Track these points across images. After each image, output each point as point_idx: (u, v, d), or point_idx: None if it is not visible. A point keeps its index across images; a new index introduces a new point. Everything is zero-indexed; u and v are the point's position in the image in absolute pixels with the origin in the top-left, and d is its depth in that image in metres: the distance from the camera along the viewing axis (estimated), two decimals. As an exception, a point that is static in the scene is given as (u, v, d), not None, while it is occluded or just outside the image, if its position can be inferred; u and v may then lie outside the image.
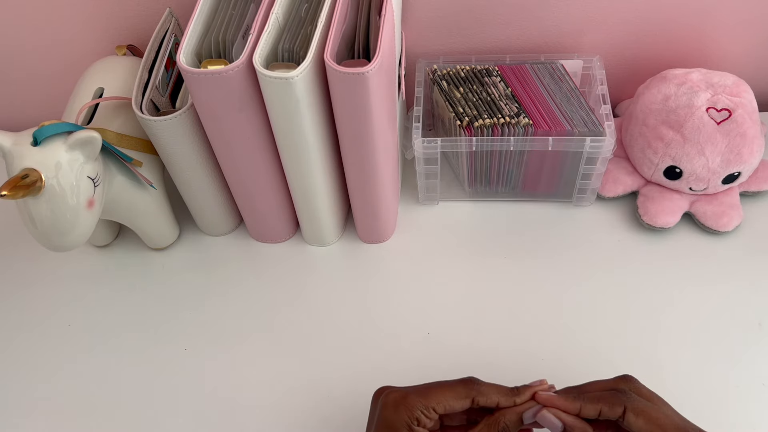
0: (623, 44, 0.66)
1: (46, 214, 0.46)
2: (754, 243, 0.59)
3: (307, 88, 0.45)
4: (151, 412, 0.52)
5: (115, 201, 0.54)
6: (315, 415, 0.51)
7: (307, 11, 0.50)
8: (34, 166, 0.45)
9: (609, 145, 0.55)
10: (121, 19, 0.64)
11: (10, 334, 0.58)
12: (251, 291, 0.59)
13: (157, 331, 0.57)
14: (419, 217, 0.64)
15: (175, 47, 0.58)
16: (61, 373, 0.55)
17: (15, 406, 0.53)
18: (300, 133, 0.48)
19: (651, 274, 0.57)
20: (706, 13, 0.62)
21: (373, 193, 0.55)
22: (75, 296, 0.60)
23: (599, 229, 0.61)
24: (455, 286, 0.58)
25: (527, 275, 0.58)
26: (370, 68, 0.43)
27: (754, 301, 0.55)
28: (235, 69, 0.45)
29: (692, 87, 0.57)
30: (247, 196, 0.57)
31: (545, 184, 0.62)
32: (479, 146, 0.57)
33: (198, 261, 0.62)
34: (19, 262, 0.62)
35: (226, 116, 0.48)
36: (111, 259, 0.62)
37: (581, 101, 0.58)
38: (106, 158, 0.51)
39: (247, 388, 0.53)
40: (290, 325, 0.56)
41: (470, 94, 0.59)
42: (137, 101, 0.52)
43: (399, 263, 0.60)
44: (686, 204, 0.60)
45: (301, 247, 0.62)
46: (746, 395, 0.50)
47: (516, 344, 0.53)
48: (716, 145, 0.56)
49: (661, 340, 0.53)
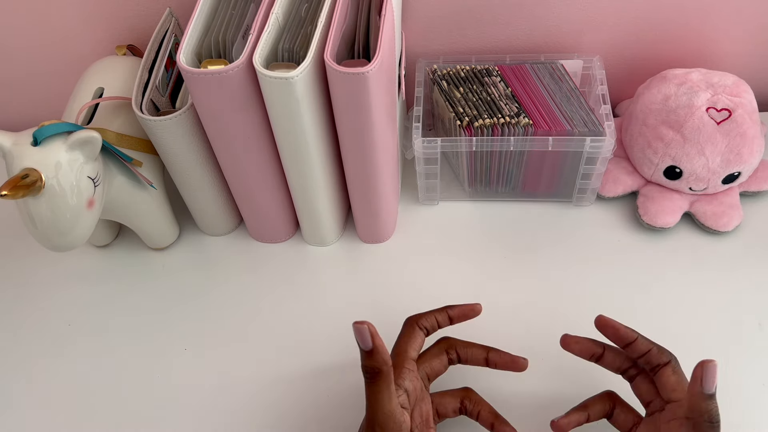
0: (623, 44, 0.66)
1: (46, 214, 0.46)
2: (754, 243, 0.59)
3: (307, 88, 0.45)
4: (151, 411, 0.52)
5: (115, 201, 0.54)
6: (315, 415, 0.51)
7: (307, 11, 0.50)
8: (34, 166, 0.45)
9: (609, 145, 0.55)
10: (121, 19, 0.64)
11: (10, 334, 0.58)
12: (251, 291, 0.59)
13: (157, 330, 0.57)
14: (419, 217, 0.64)
15: (175, 47, 0.58)
16: (61, 373, 0.55)
17: (15, 406, 0.53)
18: (300, 133, 0.48)
19: (651, 274, 0.57)
20: (706, 13, 0.62)
21: (373, 193, 0.55)
22: (75, 296, 0.60)
23: (599, 229, 0.61)
24: (455, 285, 0.58)
25: (527, 275, 0.58)
26: (370, 68, 0.43)
27: (754, 301, 0.55)
28: (235, 69, 0.45)
29: (692, 87, 0.57)
30: (247, 196, 0.57)
31: (545, 184, 0.62)
32: (479, 146, 0.57)
33: (198, 261, 0.62)
34: (19, 262, 0.62)
35: (226, 116, 0.48)
36: (111, 259, 0.62)
37: (581, 101, 0.58)
38: (106, 158, 0.51)
39: (247, 387, 0.53)
40: (290, 325, 0.56)
41: (470, 94, 0.59)
42: (137, 101, 0.52)
43: (399, 263, 0.60)
44: (686, 204, 0.60)
45: (301, 247, 0.62)
46: (746, 395, 0.49)
47: (516, 344, 0.53)
48: (716, 145, 0.56)
49: (661, 340, 0.53)
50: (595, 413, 0.45)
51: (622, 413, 0.44)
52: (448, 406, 0.46)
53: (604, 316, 0.44)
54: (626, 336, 0.43)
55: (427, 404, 0.45)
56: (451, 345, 0.47)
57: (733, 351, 0.52)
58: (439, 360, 0.46)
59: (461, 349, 0.47)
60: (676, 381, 0.42)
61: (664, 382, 0.42)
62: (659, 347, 0.43)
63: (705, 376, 0.38)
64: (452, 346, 0.47)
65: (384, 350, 0.39)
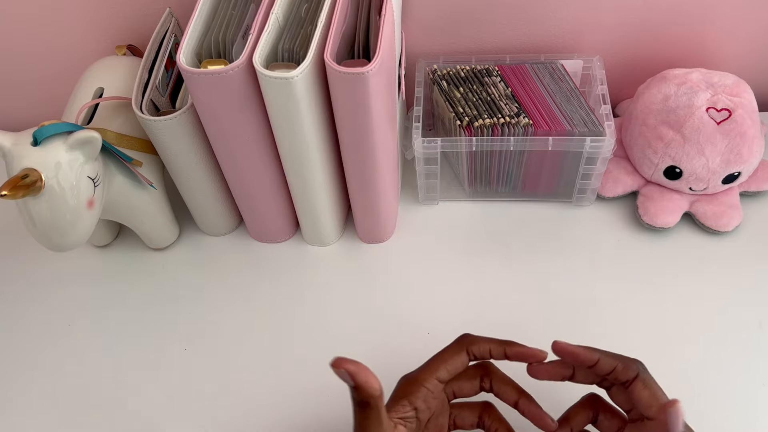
0: (623, 44, 0.66)
1: (46, 214, 0.46)
2: (754, 243, 0.59)
3: (307, 88, 0.45)
4: (150, 411, 0.52)
5: (115, 201, 0.54)
6: (315, 415, 0.51)
7: (307, 11, 0.50)
8: (34, 166, 0.45)
9: (609, 145, 0.55)
10: (121, 19, 0.64)
11: (10, 333, 0.58)
12: (251, 291, 0.59)
13: (157, 330, 0.57)
14: (419, 217, 0.64)
15: (175, 47, 0.58)
16: (61, 372, 0.55)
17: (15, 406, 0.53)
18: (300, 133, 0.48)
19: (651, 274, 0.57)
20: (706, 13, 0.62)
21: (373, 193, 0.55)
22: (75, 296, 0.60)
23: (599, 229, 0.61)
24: (455, 285, 0.58)
25: (527, 275, 0.58)
26: (370, 68, 0.43)
27: (754, 301, 0.55)
28: (235, 69, 0.45)
29: (692, 87, 0.57)
30: (247, 196, 0.57)
31: (545, 184, 0.62)
32: (479, 146, 0.57)
33: (198, 261, 0.62)
34: (19, 262, 0.62)
35: (226, 116, 0.48)
36: (111, 259, 0.62)
37: (581, 101, 0.58)
38: (106, 158, 0.51)
39: (247, 388, 0.53)
40: (290, 325, 0.56)
41: (470, 94, 0.59)
42: (137, 101, 0.52)
43: (399, 263, 0.60)
44: (686, 204, 0.60)
45: (301, 247, 0.62)
46: (746, 395, 0.49)
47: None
48: (716, 145, 0.56)
49: (660, 340, 0.53)
50: (577, 424, 0.44)
51: (606, 419, 0.43)
52: (466, 420, 0.44)
53: (560, 342, 0.42)
54: (586, 360, 0.42)
55: (444, 417, 0.44)
56: (489, 374, 0.44)
57: (733, 351, 0.52)
58: (471, 384, 0.44)
59: (496, 383, 0.44)
60: (649, 395, 0.40)
61: (637, 398, 0.40)
62: (624, 362, 0.41)
63: (670, 421, 0.37)
64: (489, 375, 0.44)
65: (368, 383, 0.37)
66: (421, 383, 0.42)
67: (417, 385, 0.42)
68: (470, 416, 0.45)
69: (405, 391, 0.42)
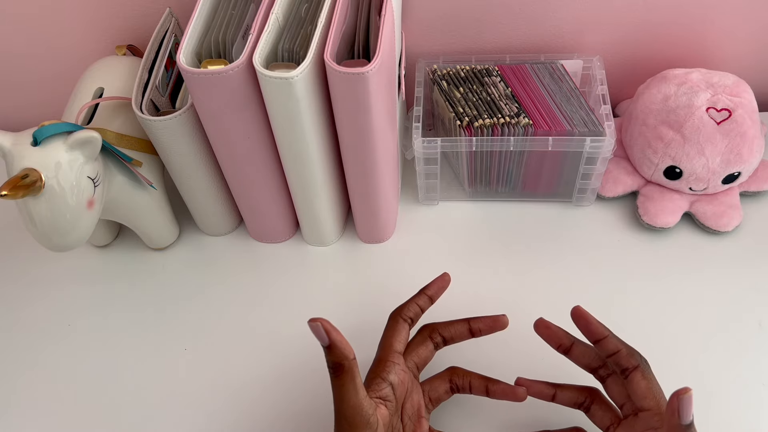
0: (623, 44, 0.66)
1: (46, 214, 0.46)
2: (754, 243, 0.59)
3: (307, 88, 0.45)
4: (151, 411, 0.52)
5: (115, 201, 0.54)
6: (315, 415, 0.51)
7: (307, 11, 0.50)
8: (34, 166, 0.45)
9: (609, 145, 0.55)
10: (121, 19, 0.64)
11: (10, 334, 0.58)
12: (251, 291, 0.59)
13: (157, 330, 0.57)
14: (419, 217, 0.64)
15: (175, 47, 0.58)
16: (61, 372, 0.55)
17: (15, 406, 0.53)
18: (300, 133, 0.48)
19: (651, 274, 0.57)
20: (706, 13, 0.62)
21: (373, 193, 0.55)
22: (75, 296, 0.60)
23: (599, 229, 0.61)
24: (455, 285, 0.58)
25: (527, 275, 0.58)
26: (370, 68, 0.43)
27: (754, 301, 0.55)
28: (235, 69, 0.45)
29: (692, 87, 0.57)
30: (247, 196, 0.57)
31: (545, 184, 0.62)
32: (479, 146, 0.57)
33: (198, 261, 0.62)
34: (19, 262, 0.62)
35: (226, 116, 0.48)
36: (111, 259, 0.62)
37: (581, 101, 0.58)
38: (106, 158, 0.51)
39: (247, 387, 0.53)
40: (290, 325, 0.56)
41: (470, 94, 0.59)
42: (137, 101, 0.52)
43: (399, 263, 0.60)
44: (686, 204, 0.60)
45: (301, 247, 0.62)
46: (746, 395, 0.50)
47: (516, 343, 0.53)
48: (716, 145, 0.56)
49: (660, 340, 0.53)
50: (563, 397, 0.45)
51: (600, 410, 0.44)
52: (439, 389, 0.46)
53: (581, 308, 0.44)
54: (596, 331, 0.43)
55: (418, 394, 0.45)
56: (433, 329, 0.47)
57: (733, 351, 0.52)
58: (425, 347, 0.47)
59: (444, 330, 0.47)
60: (647, 387, 0.41)
61: (634, 388, 0.41)
62: (630, 349, 0.42)
63: (681, 408, 0.37)
64: (434, 330, 0.47)
65: (343, 344, 0.39)
66: (386, 359, 0.44)
67: (382, 363, 0.44)
68: (441, 385, 0.47)
69: (375, 372, 0.44)
